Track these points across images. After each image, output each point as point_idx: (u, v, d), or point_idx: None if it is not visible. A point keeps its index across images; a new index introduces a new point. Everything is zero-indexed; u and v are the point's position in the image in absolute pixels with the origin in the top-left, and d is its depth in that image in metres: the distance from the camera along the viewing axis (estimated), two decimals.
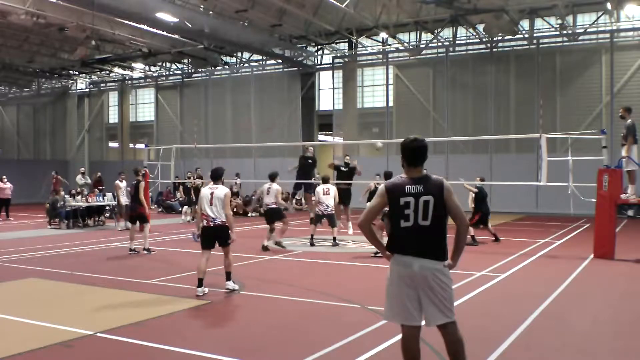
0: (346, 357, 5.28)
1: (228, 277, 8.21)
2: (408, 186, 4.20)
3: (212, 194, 8.10)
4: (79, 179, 21.79)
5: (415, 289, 4.18)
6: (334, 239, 13.45)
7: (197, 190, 21.03)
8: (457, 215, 4.23)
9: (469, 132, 25.16)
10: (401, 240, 4.24)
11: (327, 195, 13.31)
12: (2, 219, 21.04)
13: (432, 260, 4.15)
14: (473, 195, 13.81)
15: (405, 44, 27.05)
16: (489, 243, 13.47)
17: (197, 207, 9.09)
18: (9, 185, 21.90)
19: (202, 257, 8.13)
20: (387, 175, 11.84)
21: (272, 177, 12.85)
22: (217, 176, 8.40)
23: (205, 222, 8.11)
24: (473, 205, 13.80)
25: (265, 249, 12.41)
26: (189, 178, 21.04)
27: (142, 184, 12.50)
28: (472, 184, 13.70)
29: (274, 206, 12.66)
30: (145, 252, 12.00)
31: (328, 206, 13.28)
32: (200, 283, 7.92)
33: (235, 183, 23.70)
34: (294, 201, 24.01)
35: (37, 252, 12.31)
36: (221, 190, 8.13)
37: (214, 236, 8.11)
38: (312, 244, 13.33)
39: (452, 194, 4.22)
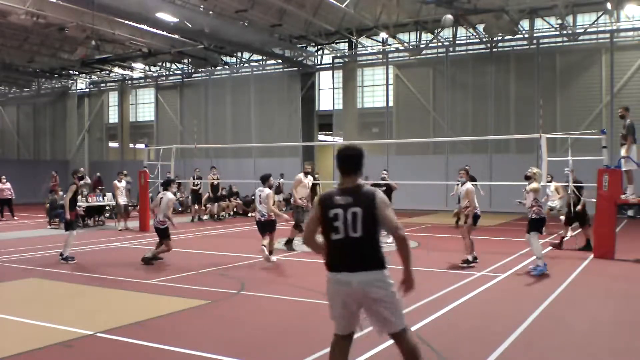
0: None
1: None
2: (337, 197, 4.02)
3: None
4: None
5: (355, 304, 4.00)
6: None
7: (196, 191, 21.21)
8: (389, 229, 4.00)
9: (469, 132, 25.16)
10: (334, 254, 4.05)
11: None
12: (6, 219, 21.04)
13: (370, 271, 3.95)
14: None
15: (405, 44, 27.05)
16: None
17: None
18: (8, 185, 21.91)
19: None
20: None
21: (264, 180, 11.10)
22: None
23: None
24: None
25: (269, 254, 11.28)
26: (193, 178, 21.07)
27: (73, 187, 11.29)
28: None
29: (267, 218, 10.89)
30: (62, 260, 11.04)
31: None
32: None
33: (279, 183, 23.52)
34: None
35: (37, 252, 12.31)
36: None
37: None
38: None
39: (384, 206, 3.99)
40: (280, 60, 29.49)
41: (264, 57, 29.83)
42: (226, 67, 31.73)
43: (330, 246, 4.06)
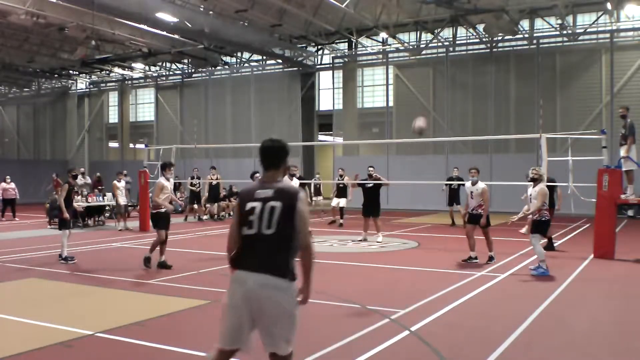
0: (346, 357, 5.28)
1: None
2: (258, 190, 3.72)
3: None
4: (79, 179, 21.77)
5: (247, 310, 3.58)
6: None
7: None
8: (300, 230, 3.60)
9: (469, 132, 25.17)
10: (241, 250, 3.70)
11: None
12: (6, 219, 21.04)
13: (272, 276, 3.53)
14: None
15: (405, 44, 27.05)
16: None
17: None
18: (12, 185, 21.91)
19: None
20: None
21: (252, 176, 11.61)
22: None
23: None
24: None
25: None
26: (198, 178, 21.10)
27: (66, 186, 11.16)
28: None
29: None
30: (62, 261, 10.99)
31: None
32: None
33: (317, 178, 23.58)
34: None
35: (37, 252, 12.31)
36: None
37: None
38: None
39: (305, 206, 3.67)
40: (280, 60, 29.51)
41: (264, 57, 29.84)
42: (226, 67, 31.74)
43: (241, 242, 3.70)
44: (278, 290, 3.54)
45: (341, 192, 18.07)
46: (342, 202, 18.06)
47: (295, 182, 11.84)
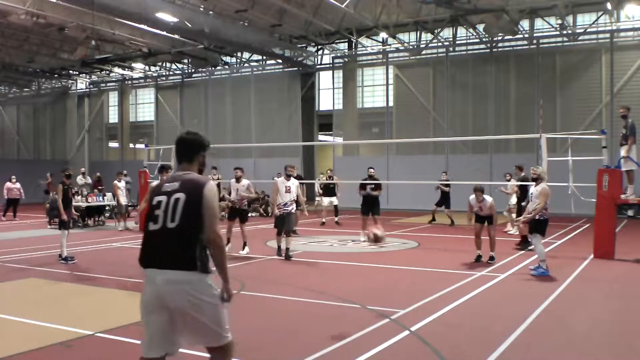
0: (346, 357, 5.28)
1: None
2: (166, 184, 3.61)
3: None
4: (79, 179, 21.77)
5: (161, 309, 3.45)
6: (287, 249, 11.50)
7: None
8: (207, 225, 3.47)
9: (469, 132, 25.17)
10: (147, 247, 3.56)
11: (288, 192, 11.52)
12: (6, 219, 21.03)
13: (181, 271, 3.39)
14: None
15: (405, 44, 27.05)
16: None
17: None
18: (17, 185, 21.90)
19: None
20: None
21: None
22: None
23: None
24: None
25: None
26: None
27: (60, 186, 11.05)
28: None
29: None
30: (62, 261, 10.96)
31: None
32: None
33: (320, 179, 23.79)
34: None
35: (37, 252, 12.31)
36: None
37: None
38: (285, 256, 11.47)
39: (212, 198, 3.51)
40: (280, 60, 29.51)
41: (264, 57, 29.85)
42: (226, 67, 31.74)
43: (147, 238, 3.58)
44: (188, 284, 3.39)
45: (330, 191, 18.37)
46: (335, 200, 18.27)
47: (294, 183, 11.59)
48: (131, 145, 36.04)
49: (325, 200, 18.42)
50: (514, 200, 15.18)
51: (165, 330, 3.49)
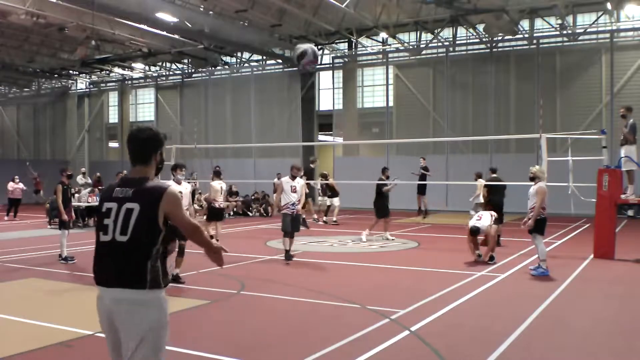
0: (346, 357, 5.28)
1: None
2: (117, 189, 3.20)
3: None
4: (80, 178, 21.80)
5: (112, 330, 3.17)
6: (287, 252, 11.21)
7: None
8: (185, 230, 3.25)
9: (469, 132, 25.16)
10: (99, 260, 3.20)
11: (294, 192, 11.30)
12: (8, 219, 21.03)
13: (128, 288, 3.06)
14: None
15: (405, 44, 27.05)
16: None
17: None
18: (20, 185, 21.91)
19: None
20: None
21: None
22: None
23: None
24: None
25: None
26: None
27: (59, 186, 11.06)
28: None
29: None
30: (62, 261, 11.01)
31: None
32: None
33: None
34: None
35: (37, 252, 12.31)
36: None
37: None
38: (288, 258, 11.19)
39: (175, 205, 3.16)
40: (280, 60, 29.50)
41: (264, 57, 29.85)
42: (226, 67, 31.74)
43: (97, 249, 3.21)
44: (134, 304, 3.06)
45: (330, 192, 19.12)
46: (335, 201, 18.95)
47: (299, 182, 11.38)
48: None
49: (335, 201, 19.08)
50: (480, 200, 15.64)
51: (117, 351, 3.22)
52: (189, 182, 10.07)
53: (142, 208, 3.09)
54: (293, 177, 11.33)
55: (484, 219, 10.68)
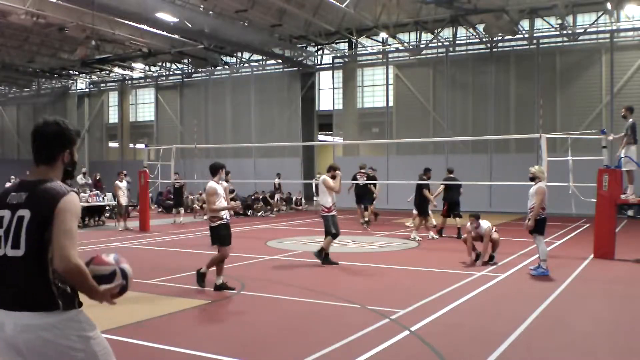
0: (346, 357, 5.28)
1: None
2: (13, 193, 2.68)
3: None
4: (80, 178, 21.79)
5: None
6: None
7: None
8: (56, 255, 2.53)
9: (469, 132, 25.17)
10: None
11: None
12: None
13: (33, 312, 2.53)
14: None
15: (405, 44, 27.06)
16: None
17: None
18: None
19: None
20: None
21: (212, 171, 8.98)
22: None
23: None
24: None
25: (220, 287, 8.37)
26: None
27: None
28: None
29: (211, 223, 8.48)
30: None
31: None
32: None
33: (317, 178, 24.13)
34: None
35: None
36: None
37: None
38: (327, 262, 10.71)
39: (68, 215, 2.58)
40: (280, 60, 29.52)
41: (264, 57, 29.86)
42: (226, 67, 31.75)
43: None
44: (49, 329, 2.53)
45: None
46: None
47: (335, 181, 10.69)
48: (131, 145, 36.05)
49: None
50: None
51: None
52: (225, 182, 9.79)
53: (32, 214, 2.58)
54: (333, 178, 10.87)
55: (483, 222, 10.70)
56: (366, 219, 17.86)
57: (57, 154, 2.76)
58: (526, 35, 24.67)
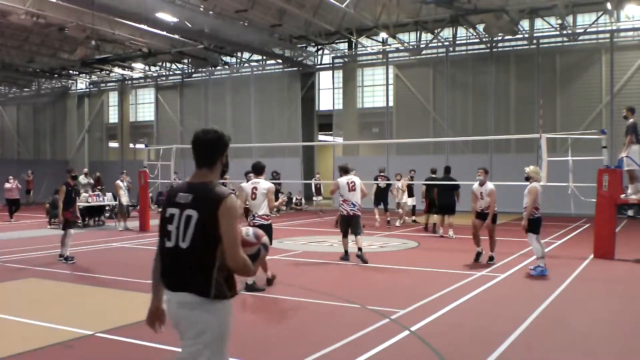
0: (346, 357, 5.28)
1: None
2: (181, 194, 3.16)
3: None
4: (82, 178, 21.78)
5: (178, 333, 3.18)
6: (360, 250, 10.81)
7: None
8: (226, 252, 3.02)
9: (469, 132, 25.17)
10: (164, 265, 3.20)
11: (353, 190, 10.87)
12: (7, 219, 21.01)
13: (190, 294, 3.04)
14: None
15: (405, 44, 27.05)
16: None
17: None
18: (16, 182, 21.80)
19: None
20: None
21: (260, 170, 8.68)
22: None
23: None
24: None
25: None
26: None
27: (63, 187, 11.09)
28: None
29: (264, 221, 8.33)
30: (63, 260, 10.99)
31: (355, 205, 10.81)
32: None
33: (317, 178, 24.94)
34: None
35: (37, 252, 12.31)
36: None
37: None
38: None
39: (232, 219, 3.04)
40: (280, 60, 29.51)
41: (264, 57, 29.85)
42: (226, 67, 31.75)
43: (162, 256, 3.21)
44: (195, 309, 3.03)
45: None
46: (410, 201, 19.20)
47: (357, 179, 11.02)
48: (131, 145, 36.04)
49: (410, 200, 19.13)
50: (404, 198, 18.46)
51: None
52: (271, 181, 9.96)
53: (200, 216, 3.05)
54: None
55: (489, 183, 10.99)
56: (413, 218, 19.23)
57: (214, 159, 3.25)
58: (526, 35, 24.67)
